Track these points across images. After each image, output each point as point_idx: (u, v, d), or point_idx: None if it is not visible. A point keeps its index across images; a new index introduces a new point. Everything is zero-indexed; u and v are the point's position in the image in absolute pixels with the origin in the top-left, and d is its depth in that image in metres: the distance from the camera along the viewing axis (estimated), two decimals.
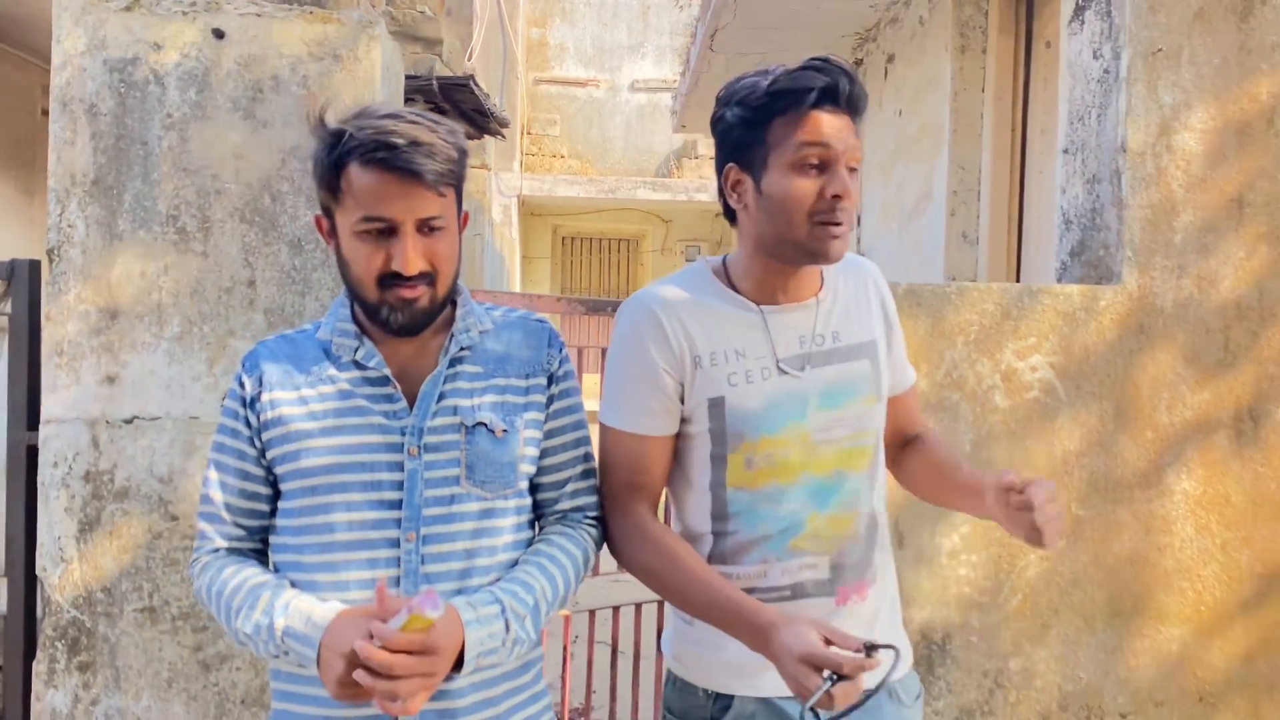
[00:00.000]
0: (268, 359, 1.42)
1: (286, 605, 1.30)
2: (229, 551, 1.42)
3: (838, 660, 1.21)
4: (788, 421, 1.45)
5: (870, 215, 5.28)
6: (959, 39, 3.97)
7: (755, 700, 1.46)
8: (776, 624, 1.30)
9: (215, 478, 1.42)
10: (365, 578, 1.33)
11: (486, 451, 1.38)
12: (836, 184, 1.38)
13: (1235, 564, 2.46)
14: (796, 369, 1.46)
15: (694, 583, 1.40)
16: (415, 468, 1.35)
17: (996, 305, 2.42)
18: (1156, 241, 2.44)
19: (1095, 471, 2.43)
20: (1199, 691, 2.47)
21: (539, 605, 1.36)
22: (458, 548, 1.36)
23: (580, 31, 13.20)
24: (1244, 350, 2.45)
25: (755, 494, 1.46)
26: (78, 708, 2.34)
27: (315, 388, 1.38)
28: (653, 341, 1.45)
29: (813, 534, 1.46)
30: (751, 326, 1.47)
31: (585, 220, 13.07)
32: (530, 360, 1.44)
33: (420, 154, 1.30)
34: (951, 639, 2.44)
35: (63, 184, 2.33)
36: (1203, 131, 2.44)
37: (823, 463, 1.46)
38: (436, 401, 1.38)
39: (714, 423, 1.45)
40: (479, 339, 1.43)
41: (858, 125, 1.43)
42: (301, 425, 1.36)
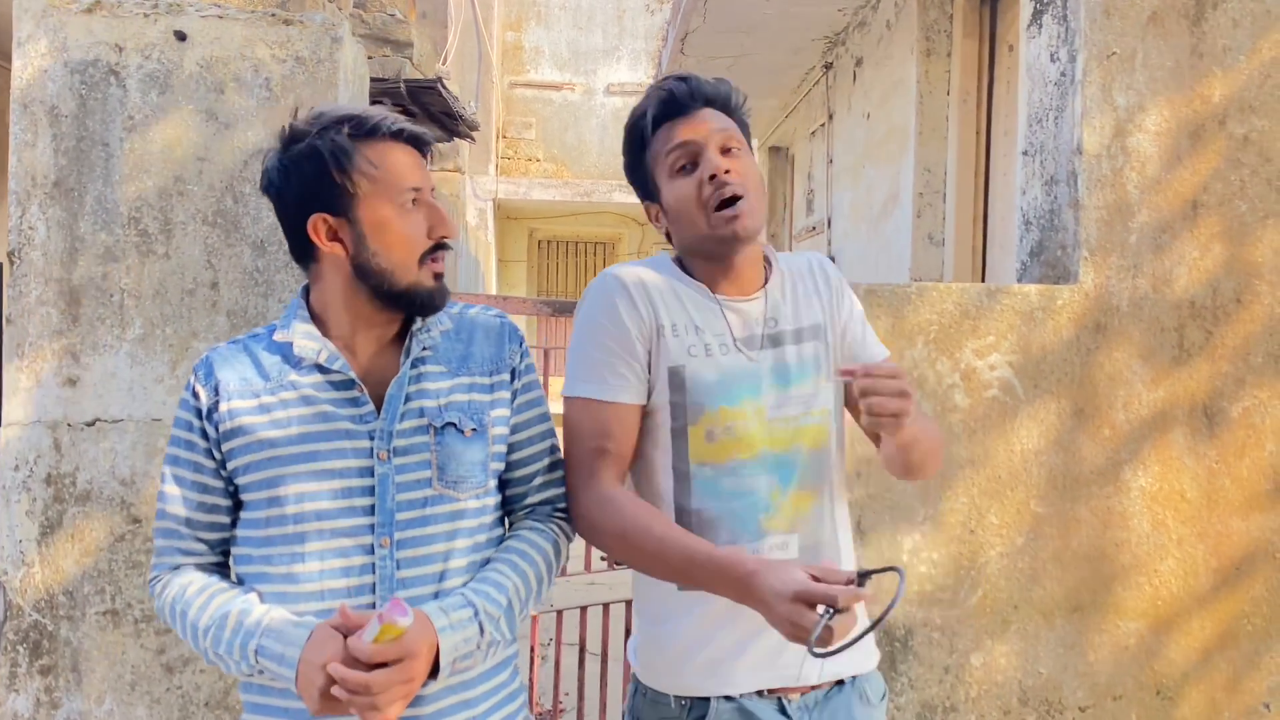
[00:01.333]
0: (222, 366, 1.39)
1: (258, 624, 1.28)
2: (190, 568, 1.40)
3: (832, 594, 1.20)
4: (744, 395, 1.48)
5: (840, 217, 5.32)
6: (924, 43, 4.02)
7: (729, 706, 1.46)
8: (760, 570, 1.29)
9: (173, 492, 1.39)
10: (340, 586, 1.32)
11: (457, 452, 1.37)
12: (708, 166, 1.47)
13: (1191, 559, 2.50)
14: (752, 349, 1.51)
15: (668, 543, 1.39)
16: (386, 472, 1.34)
17: (956, 305, 2.45)
18: (1112, 241, 2.48)
19: (1054, 469, 2.47)
20: (1156, 685, 2.51)
21: (512, 605, 1.36)
22: (433, 550, 1.35)
23: (555, 35, 13.22)
24: (1198, 348, 2.49)
25: (718, 469, 1.47)
26: (39, 711, 2.33)
27: (276, 394, 1.36)
28: (624, 307, 1.49)
29: (780, 513, 1.48)
30: (709, 310, 1.52)
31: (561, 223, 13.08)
32: (493, 357, 1.45)
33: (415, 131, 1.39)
34: (913, 635, 2.46)
35: (23, 186, 2.32)
36: (1156, 133, 2.49)
37: (780, 439, 1.49)
38: (404, 403, 1.36)
39: (674, 394, 1.48)
40: (439, 338, 1.43)
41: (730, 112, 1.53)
42: (265, 434, 1.34)
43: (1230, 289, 2.50)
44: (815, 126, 6.33)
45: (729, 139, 1.50)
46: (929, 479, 1.71)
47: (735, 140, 1.51)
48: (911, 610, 2.46)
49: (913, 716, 2.47)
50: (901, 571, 1.21)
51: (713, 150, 1.48)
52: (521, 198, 12.02)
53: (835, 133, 5.66)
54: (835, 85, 5.64)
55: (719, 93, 1.54)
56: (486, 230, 11.48)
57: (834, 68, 5.65)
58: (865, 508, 2.42)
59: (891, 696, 2.45)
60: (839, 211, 5.47)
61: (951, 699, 2.48)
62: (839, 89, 5.56)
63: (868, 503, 2.41)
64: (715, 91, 1.53)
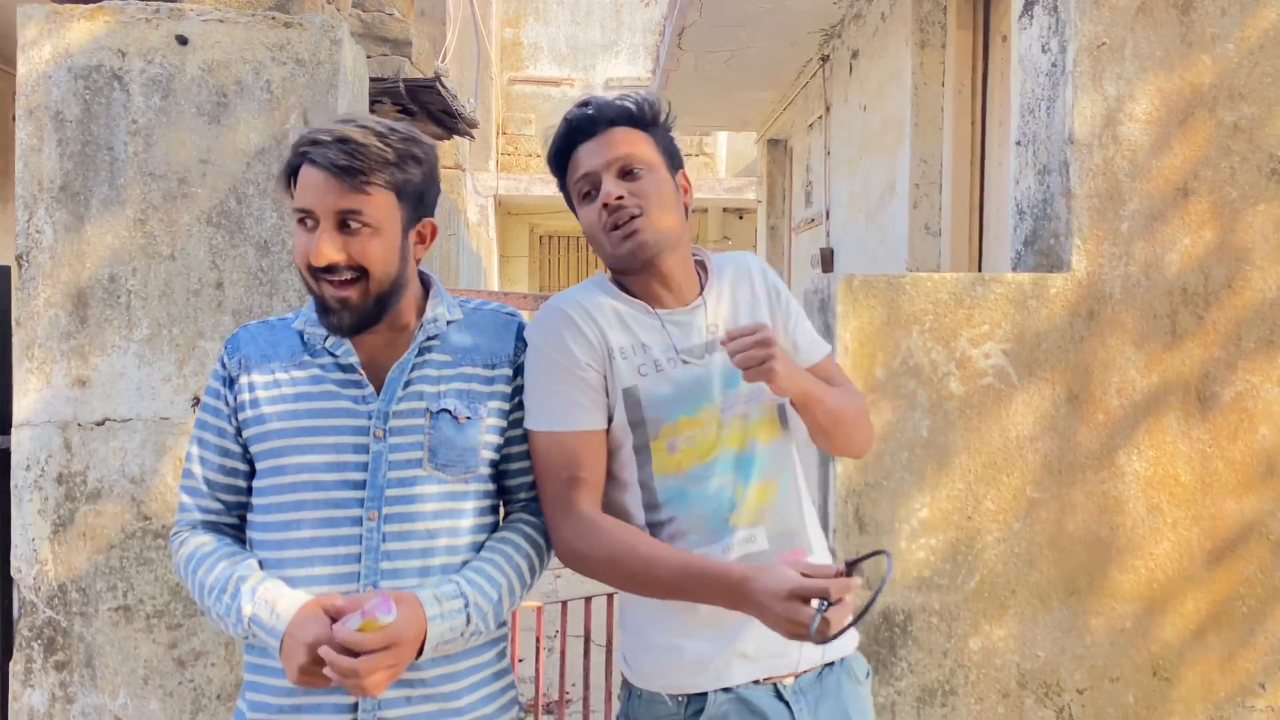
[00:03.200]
0: (248, 342, 1.50)
1: (253, 591, 1.36)
2: (207, 526, 1.50)
3: (824, 587, 1.26)
4: (701, 403, 1.53)
5: (838, 208, 5.35)
6: (919, 34, 4.04)
7: (726, 698, 1.49)
8: (751, 575, 1.35)
9: (196, 453, 1.50)
10: (329, 554, 1.40)
11: (449, 436, 1.45)
12: (601, 195, 1.52)
13: (1185, 542, 2.53)
14: (698, 357, 1.55)
15: (656, 561, 1.43)
16: (380, 450, 1.43)
17: (950, 294, 2.49)
18: (1104, 230, 2.51)
19: (1049, 454, 2.50)
20: (1153, 666, 2.54)
21: (502, 600, 1.43)
22: (418, 527, 1.43)
23: (554, 31, 13.24)
24: (1190, 333, 2.52)
25: (682, 478, 1.51)
26: (55, 706, 2.37)
27: (289, 372, 1.46)
28: (571, 338, 1.51)
29: (746, 508, 1.53)
30: (652, 327, 1.56)
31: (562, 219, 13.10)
32: (496, 351, 1.52)
33: (341, 150, 1.36)
34: (912, 620, 2.50)
35: (30, 190, 2.36)
36: (1147, 122, 2.52)
37: (735, 437, 1.54)
38: (403, 387, 1.46)
39: (631, 413, 1.51)
40: (447, 329, 1.50)
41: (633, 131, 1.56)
42: (273, 408, 1.44)
43: (1221, 274, 2.53)
44: (813, 119, 6.36)
45: (629, 160, 1.53)
46: (860, 452, 1.72)
47: (638, 160, 1.54)
48: (910, 595, 2.50)
49: (912, 700, 2.51)
50: (889, 554, 1.26)
51: (609, 176, 1.53)
52: (522, 194, 12.05)
53: (833, 125, 5.69)
54: (832, 77, 5.66)
55: (623, 112, 1.56)
56: (488, 226, 11.52)
57: (830, 60, 5.67)
58: (863, 495, 2.45)
59: (890, 681, 2.49)
60: (837, 203, 5.50)
61: (951, 683, 2.52)
62: (835, 81, 5.58)
63: (865, 490, 2.45)
64: (619, 112, 1.56)
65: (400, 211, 1.43)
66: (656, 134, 1.59)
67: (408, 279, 1.47)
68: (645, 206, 1.52)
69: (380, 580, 1.40)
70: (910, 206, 4.08)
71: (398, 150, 1.41)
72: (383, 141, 1.39)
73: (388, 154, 1.39)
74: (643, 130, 1.57)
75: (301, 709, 1.40)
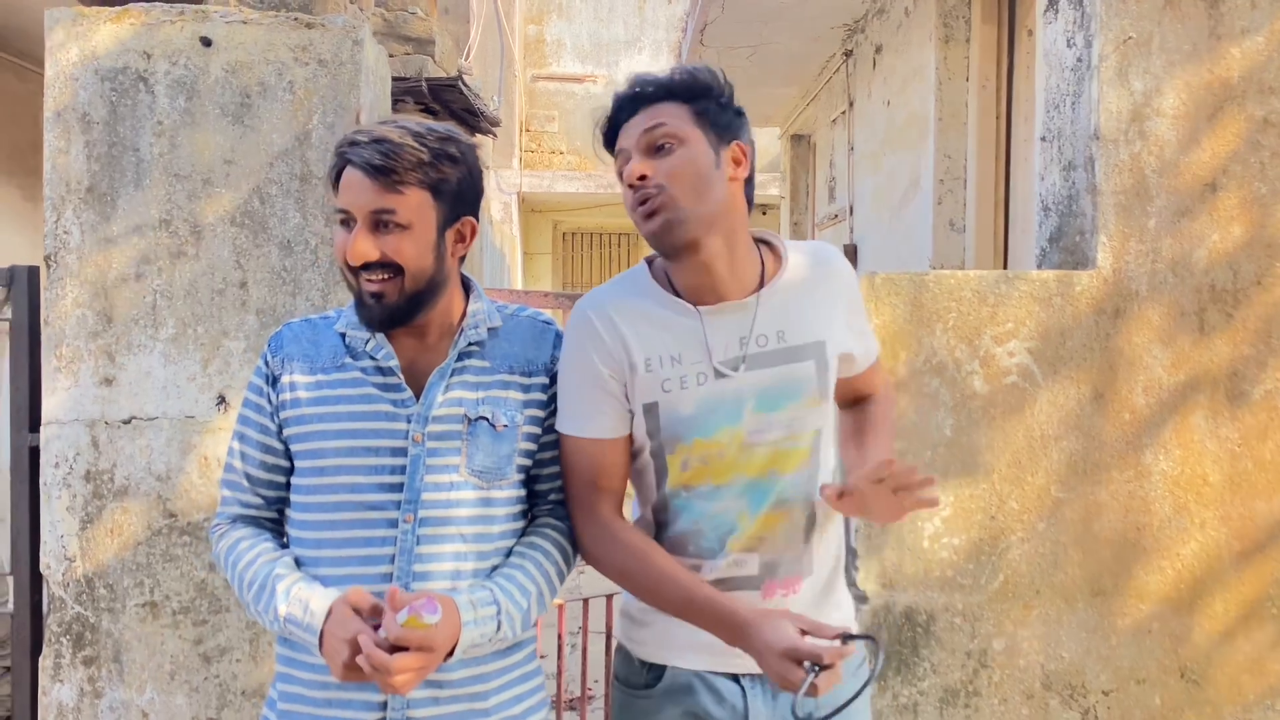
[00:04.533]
0: (291, 341, 1.51)
1: (288, 591, 1.39)
2: (247, 520, 1.53)
3: (818, 652, 1.26)
4: (721, 425, 1.47)
5: (862, 205, 5.32)
6: (943, 29, 4.01)
7: (686, 673, 1.51)
8: (754, 622, 1.34)
9: (238, 447, 1.52)
10: (364, 554, 1.42)
11: (486, 444, 1.46)
12: (627, 173, 1.45)
13: (1214, 542, 2.50)
14: (732, 370, 1.47)
15: (668, 582, 1.44)
16: (418, 454, 1.44)
17: (973, 292, 2.46)
18: (1130, 226, 2.48)
19: (1074, 454, 2.48)
20: (1180, 668, 2.51)
21: (531, 607, 1.46)
22: (452, 531, 1.44)
23: (577, 27, 13.24)
24: (1219, 331, 2.49)
25: (691, 492, 1.49)
26: (83, 701, 2.40)
27: (331, 374, 1.47)
28: (593, 348, 1.49)
29: (745, 535, 1.49)
30: (689, 330, 1.48)
31: (585, 216, 13.11)
32: (534, 359, 1.53)
33: (376, 150, 1.38)
34: (935, 620, 2.49)
35: (58, 192, 2.39)
36: (1174, 117, 2.48)
37: (755, 464, 1.48)
38: (443, 393, 1.46)
39: (650, 426, 1.49)
40: (487, 335, 1.51)
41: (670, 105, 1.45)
42: (314, 409, 1.45)
43: (1251, 271, 2.49)
44: (836, 114, 6.32)
45: (661, 136, 1.44)
46: None
47: (666, 134, 1.44)
48: (932, 595, 2.48)
49: (935, 701, 2.49)
50: (879, 641, 1.30)
51: (636, 155, 1.45)
52: (545, 191, 12.07)
53: (856, 120, 5.65)
54: (855, 73, 5.63)
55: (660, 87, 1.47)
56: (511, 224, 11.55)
57: (854, 55, 5.64)
58: None
59: (913, 681, 2.47)
60: (860, 199, 5.47)
61: (974, 684, 2.50)
62: (859, 76, 5.55)
63: None
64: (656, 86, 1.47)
65: (436, 210, 1.43)
66: (701, 105, 1.46)
67: (445, 278, 1.47)
68: (670, 184, 1.41)
69: (412, 582, 1.41)
70: (934, 202, 4.04)
71: (433, 150, 1.41)
72: (418, 141, 1.40)
73: (422, 154, 1.40)
74: (684, 103, 1.46)
75: (333, 703, 1.42)
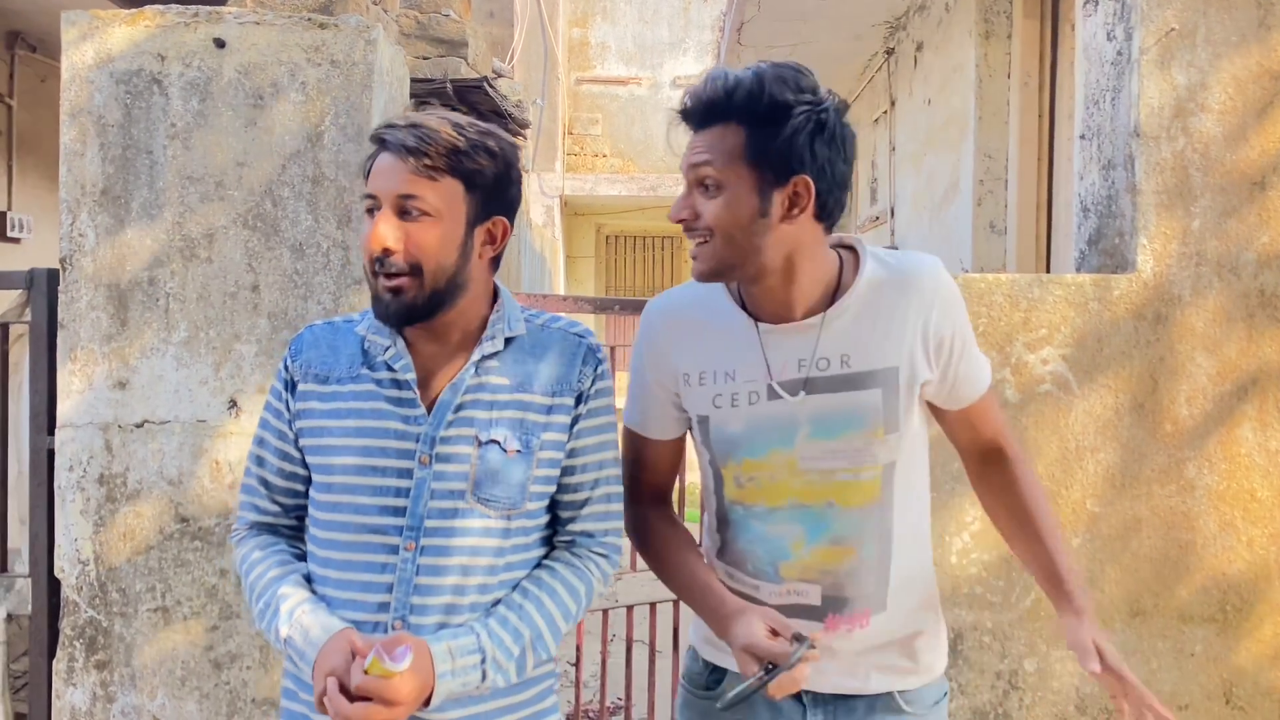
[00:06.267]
0: (310, 346, 1.45)
1: (290, 614, 1.34)
2: (264, 528, 1.48)
3: (775, 652, 1.26)
4: (771, 447, 1.41)
5: (903, 206, 5.20)
6: (983, 25, 3.88)
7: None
8: (733, 615, 1.34)
9: (257, 453, 1.47)
10: (364, 580, 1.35)
11: (496, 470, 1.36)
12: (673, 210, 1.37)
13: (1262, 561, 2.37)
14: (790, 393, 1.39)
15: (680, 568, 1.47)
16: (424, 477, 1.35)
17: (1005, 297, 2.36)
18: (1173, 228, 2.36)
19: (1111, 466, 2.36)
20: (1225, 693, 2.38)
21: (525, 654, 1.36)
22: (453, 562, 1.35)
23: (621, 30, 13.20)
24: (1268, 338, 2.35)
25: (748, 509, 1.46)
26: (96, 705, 2.40)
27: (344, 385, 1.40)
28: (648, 354, 1.50)
29: (800, 564, 1.43)
30: (748, 345, 1.41)
31: (628, 219, 13.06)
32: (560, 377, 1.41)
33: (411, 133, 1.32)
34: (963, 639, 2.38)
35: (73, 194, 2.38)
36: (1220, 112, 2.35)
37: (812, 491, 1.41)
38: (454, 411, 1.36)
39: (703, 437, 1.48)
40: (506, 349, 1.40)
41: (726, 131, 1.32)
42: (325, 422, 1.39)
43: None
44: (878, 114, 6.20)
45: (704, 174, 1.33)
46: None
47: (712, 173, 1.33)
48: (961, 614, 2.38)
49: None
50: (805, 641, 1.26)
51: (686, 187, 1.37)
52: (588, 194, 12.05)
53: (897, 120, 5.53)
54: (897, 71, 5.50)
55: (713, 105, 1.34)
56: (554, 227, 11.54)
57: (895, 53, 5.51)
58: None
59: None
60: (902, 200, 5.34)
61: (1004, 706, 2.39)
62: (900, 75, 5.42)
63: None
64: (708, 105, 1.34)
65: (466, 204, 1.34)
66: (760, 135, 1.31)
67: (469, 279, 1.37)
68: (715, 230, 1.33)
69: (410, 615, 1.34)
70: (974, 204, 3.92)
71: (471, 140, 1.33)
72: (456, 130, 1.33)
73: (459, 141, 1.32)
74: (742, 126, 1.31)
75: None
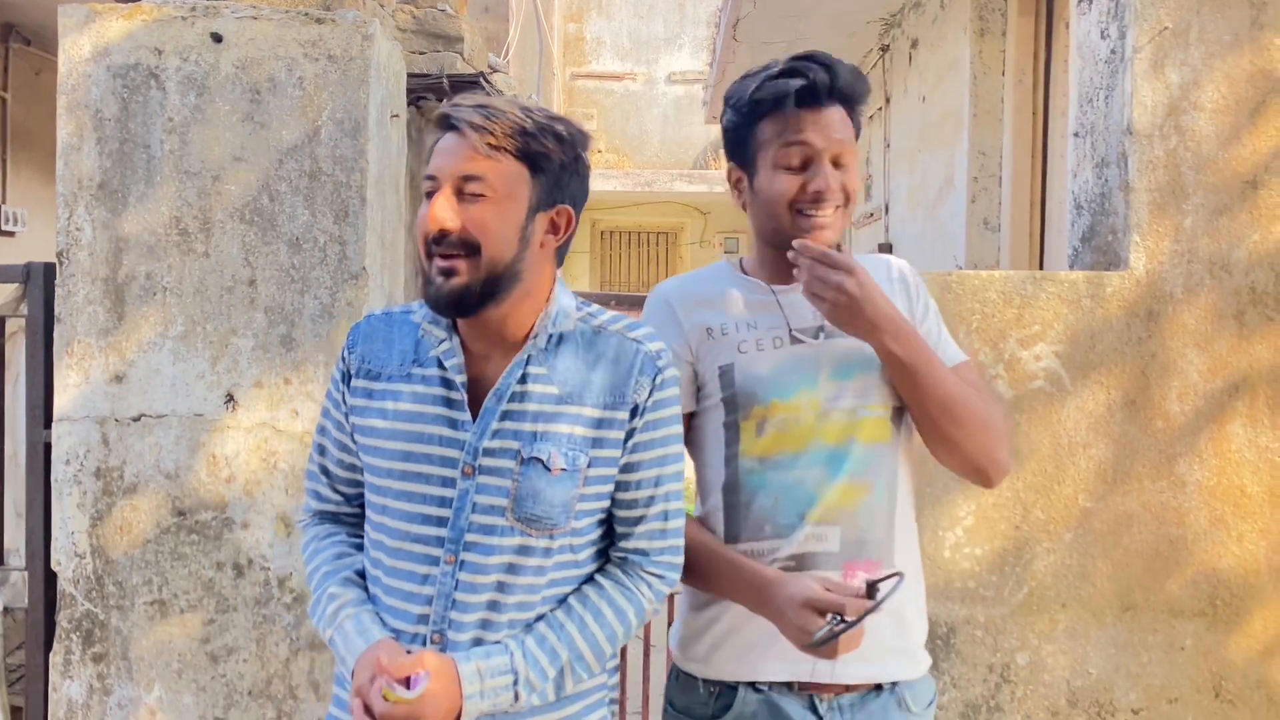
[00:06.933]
0: (366, 339, 1.41)
1: (335, 616, 1.35)
2: (326, 516, 1.50)
3: (840, 603, 1.26)
4: (800, 387, 1.47)
5: (896, 203, 5.22)
6: (978, 22, 3.90)
7: (756, 698, 1.46)
8: (779, 579, 1.36)
9: (319, 441, 1.47)
10: (406, 590, 1.34)
11: (538, 488, 1.30)
12: (817, 180, 1.44)
13: (1252, 556, 2.39)
14: (811, 337, 1.49)
15: (700, 548, 1.45)
16: (466, 489, 1.31)
17: (999, 293, 2.38)
18: (1165, 226, 2.38)
19: (1103, 462, 2.38)
20: (1215, 687, 2.40)
21: (564, 674, 1.31)
22: (490, 580, 1.31)
23: (617, 25, 13.20)
24: (1259, 335, 2.37)
25: (766, 463, 1.47)
26: (92, 698, 2.41)
27: (396, 383, 1.36)
28: (662, 322, 1.52)
29: (823, 506, 1.45)
30: (765, 306, 1.51)
31: (623, 214, 13.08)
32: (614, 387, 1.33)
33: (478, 110, 1.27)
34: (955, 633, 2.40)
35: (70, 188, 2.39)
36: (1213, 111, 2.37)
37: (834, 430, 1.47)
38: (499, 420, 1.31)
39: (725, 390, 1.49)
40: (557, 351, 1.34)
41: (854, 112, 1.48)
42: (374, 421, 1.36)
43: None
44: (872, 110, 6.21)
45: (843, 151, 1.46)
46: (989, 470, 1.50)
47: (849, 151, 1.47)
48: (953, 607, 2.40)
49: (956, 716, 2.41)
50: (902, 575, 1.23)
51: (826, 162, 1.45)
52: None
53: (892, 117, 5.54)
54: (892, 68, 5.52)
55: (854, 93, 1.48)
56: None
57: (890, 50, 5.53)
58: None
59: None
60: (896, 197, 5.36)
61: (996, 699, 2.41)
62: (895, 72, 5.44)
63: None
64: (851, 91, 1.47)
65: (530, 187, 1.29)
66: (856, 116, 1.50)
67: (525, 269, 1.31)
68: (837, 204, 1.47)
69: (448, 630, 1.31)
70: (968, 201, 3.94)
71: (538, 122, 1.29)
72: (523, 111, 1.29)
73: (525, 122, 1.28)
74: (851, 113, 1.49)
75: None
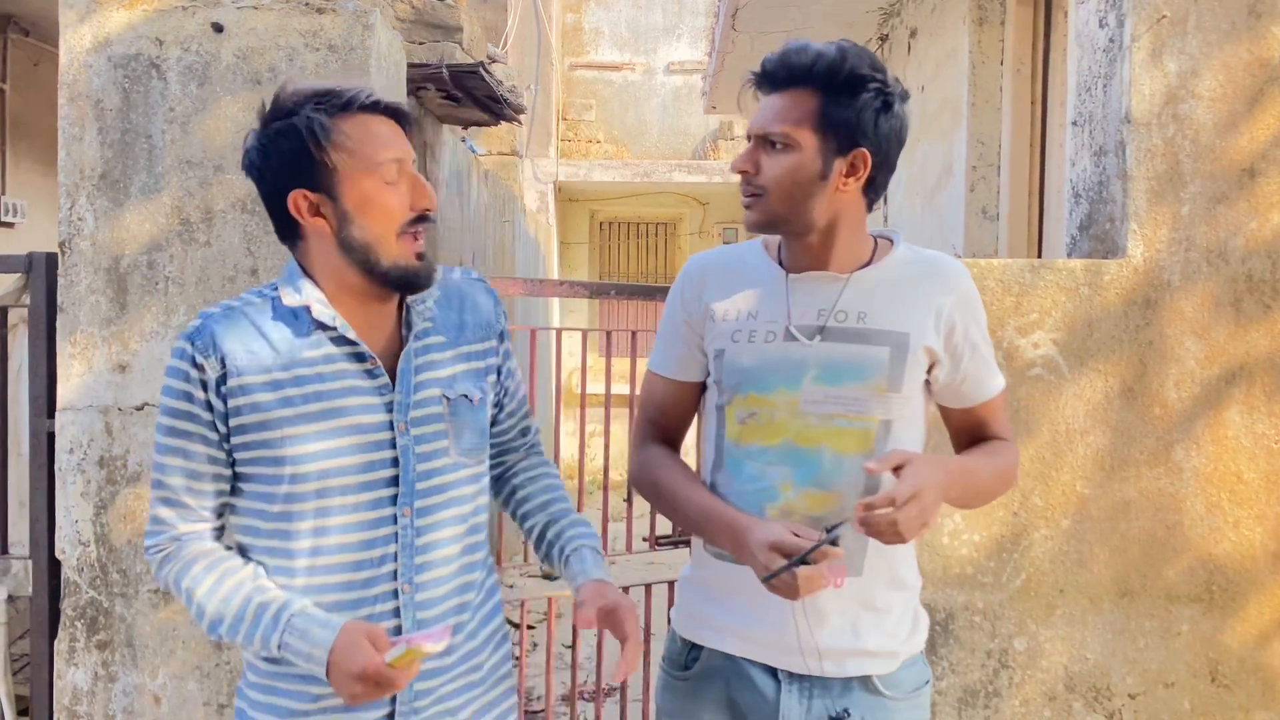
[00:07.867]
0: (225, 337, 1.35)
1: (277, 619, 1.31)
2: (193, 539, 1.39)
3: (802, 546, 1.34)
4: (778, 385, 1.49)
5: (896, 192, 5.22)
6: (977, 11, 3.90)
7: (721, 656, 1.54)
8: (752, 524, 1.43)
9: (174, 463, 1.37)
10: (364, 558, 1.37)
11: (468, 421, 1.44)
12: (735, 161, 1.49)
13: (1248, 542, 2.40)
14: (806, 337, 1.49)
15: (688, 496, 1.54)
16: (406, 444, 1.38)
17: (997, 282, 2.39)
18: (1163, 214, 2.39)
19: (1101, 449, 2.40)
20: (1211, 671, 2.42)
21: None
22: (449, 516, 1.43)
23: (615, 15, 13.15)
24: (1256, 323, 2.39)
25: (742, 450, 1.52)
26: (97, 685, 2.42)
27: (290, 370, 1.34)
28: (681, 293, 1.60)
29: (786, 507, 1.48)
30: (775, 292, 1.52)
31: (622, 205, 13.05)
32: (484, 323, 1.51)
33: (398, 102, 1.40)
34: (954, 619, 2.42)
35: (72, 178, 2.39)
36: (1211, 100, 2.38)
37: (808, 434, 1.48)
38: (415, 375, 1.40)
39: (716, 374, 1.55)
40: (434, 308, 1.45)
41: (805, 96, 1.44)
42: (281, 412, 1.33)
43: None
44: None
45: (775, 131, 1.44)
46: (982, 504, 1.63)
47: (780, 136, 1.44)
48: (951, 593, 2.42)
49: (954, 701, 2.43)
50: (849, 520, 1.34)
51: (751, 145, 1.49)
52: (582, 179, 12.03)
53: None
54: (891, 58, 5.51)
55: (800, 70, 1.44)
56: (548, 213, 11.53)
57: (889, 40, 5.52)
58: None
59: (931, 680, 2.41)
60: (894, 187, 5.36)
61: (994, 684, 2.43)
62: (894, 61, 5.43)
63: None
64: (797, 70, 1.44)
65: None
66: (837, 100, 1.42)
67: None
68: (766, 189, 1.46)
69: (416, 575, 1.37)
70: (967, 189, 3.94)
71: None
72: None
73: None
74: (819, 92, 1.43)
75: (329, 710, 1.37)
